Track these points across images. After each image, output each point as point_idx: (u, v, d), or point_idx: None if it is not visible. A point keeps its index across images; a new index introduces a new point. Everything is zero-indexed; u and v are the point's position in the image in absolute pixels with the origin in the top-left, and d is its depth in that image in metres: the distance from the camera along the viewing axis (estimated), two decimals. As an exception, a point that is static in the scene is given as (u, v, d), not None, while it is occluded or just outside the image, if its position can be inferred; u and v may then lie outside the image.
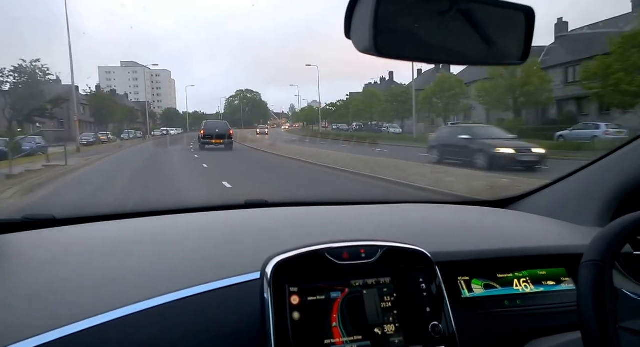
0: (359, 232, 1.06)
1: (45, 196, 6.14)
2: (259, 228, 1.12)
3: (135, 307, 0.66)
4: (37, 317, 0.65)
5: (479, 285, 0.89)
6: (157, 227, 1.13)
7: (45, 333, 0.60)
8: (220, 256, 0.88)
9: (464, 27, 0.63)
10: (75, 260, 0.87)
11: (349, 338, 0.70)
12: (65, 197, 6.32)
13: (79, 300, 0.70)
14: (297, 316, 0.68)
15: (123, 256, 0.89)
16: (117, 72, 77.16)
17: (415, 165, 9.24)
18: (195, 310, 0.68)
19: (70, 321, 0.62)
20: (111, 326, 0.63)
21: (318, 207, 1.41)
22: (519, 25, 0.67)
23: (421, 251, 0.79)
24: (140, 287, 0.73)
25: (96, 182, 7.83)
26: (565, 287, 0.93)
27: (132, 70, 71.84)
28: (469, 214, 1.35)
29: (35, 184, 6.97)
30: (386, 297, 0.75)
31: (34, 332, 0.60)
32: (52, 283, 0.76)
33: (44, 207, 3.90)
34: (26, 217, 1.09)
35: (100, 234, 1.06)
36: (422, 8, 0.60)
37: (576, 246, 0.96)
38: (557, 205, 1.26)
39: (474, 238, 1.03)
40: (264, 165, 11.32)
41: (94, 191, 6.73)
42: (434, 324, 0.73)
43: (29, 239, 1.00)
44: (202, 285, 0.71)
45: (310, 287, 0.71)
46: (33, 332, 0.60)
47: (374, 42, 0.56)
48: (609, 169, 1.15)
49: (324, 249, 0.73)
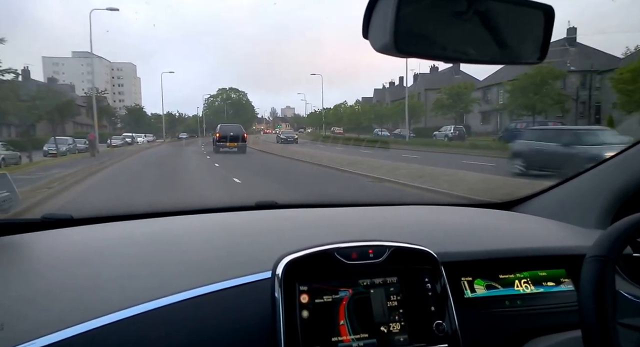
0: (367, 233, 1.21)
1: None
2: (270, 229, 1.31)
3: (149, 305, 0.78)
4: (55, 315, 0.77)
5: (481, 285, 1.04)
6: (171, 227, 1.33)
7: (62, 330, 0.71)
8: (232, 256, 1.03)
9: (482, 27, 0.74)
10: (92, 259, 1.03)
11: (356, 336, 0.84)
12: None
13: (95, 298, 0.82)
14: (306, 314, 0.82)
15: (138, 255, 1.05)
16: (68, 63, 69.86)
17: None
18: (208, 308, 0.81)
19: (87, 318, 0.74)
20: (127, 323, 0.75)
21: (326, 209, 1.65)
22: (537, 24, 0.78)
23: (427, 251, 0.94)
24: (154, 285, 0.86)
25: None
26: (564, 288, 1.09)
27: (86, 63, 62.41)
28: (473, 216, 1.57)
29: None
30: (392, 297, 0.89)
31: (52, 329, 0.71)
32: (69, 281, 0.90)
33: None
34: (45, 217, 1.29)
35: (115, 233, 1.24)
36: (440, 8, 0.72)
37: (577, 247, 1.12)
38: (559, 207, 1.47)
39: (478, 239, 1.21)
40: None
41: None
42: (437, 323, 0.88)
43: (48, 238, 1.19)
44: (215, 284, 0.85)
45: (320, 286, 0.85)
46: (50, 330, 0.71)
47: (394, 41, 0.67)
48: (610, 172, 1.35)
49: (333, 249, 0.88)
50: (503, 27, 0.76)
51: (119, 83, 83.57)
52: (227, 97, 65.28)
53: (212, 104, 64.95)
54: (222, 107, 62.66)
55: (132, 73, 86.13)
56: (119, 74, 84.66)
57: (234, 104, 63.81)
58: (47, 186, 8.42)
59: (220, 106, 63.31)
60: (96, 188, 9.11)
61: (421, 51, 0.74)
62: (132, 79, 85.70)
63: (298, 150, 20.81)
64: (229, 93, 65.69)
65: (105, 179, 11.07)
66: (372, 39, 0.73)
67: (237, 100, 65.53)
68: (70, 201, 6.96)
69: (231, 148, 20.58)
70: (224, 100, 64.62)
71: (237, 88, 65.73)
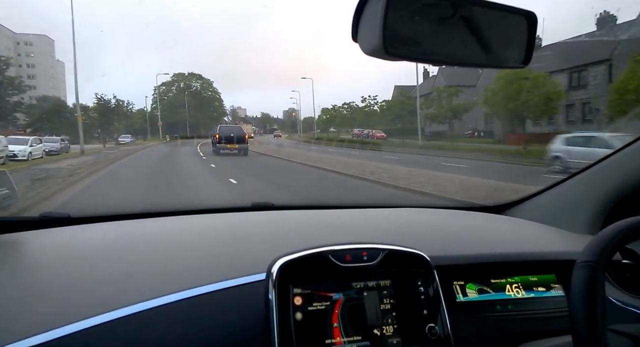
0: (361, 236, 1.43)
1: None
2: (265, 230, 1.54)
3: (143, 305, 0.93)
4: (49, 313, 0.91)
5: (473, 290, 1.26)
6: (167, 227, 1.55)
7: (56, 329, 0.85)
8: (226, 257, 1.21)
9: (467, 31, 0.93)
10: (88, 258, 1.22)
11: (349, 339, 1.01)
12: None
13: (90, 297, 0.97)
14: (299, 316, 0.97)
15: (133, 255, 1.23)
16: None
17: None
18: (201, 309, 0.96)
19: (82, 317, 0.87)
20: (120, 323, 0.89)
21: (322, 211, 1.94)
22: (521, 30, 0.98)
23: (421, 255, 1.12)
24: (148, 285, 1.01)
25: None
26: (554, 293, 1.31)
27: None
28: (466, 219, 1.86)
29: None
30: (385, 300, 1.06)
31: (45, 328, 0.85)
32: (64, 280, 1.07)
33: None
34: (43, 215, 1.56)
35: (112, 233, 1.46)
36: (427, 12, 0.89)
37: (567, 252, 1.35)
38: (550, 211, 1.76)
39: (470, 243, 1.44)
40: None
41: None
42: (430, 326, 1.06)
43: (45, 237, 1.43)
44: (208, 285, 1.00)
45: (313, 288, 1.01)
46: (43, 328, 0.84)
47: (383, 44, 0.84)
48: (600, 177, 1.62)
49: (328, 251, 1.05)
50: (488, 32, 0.94)
51: (28, 63, 68.64)
52: (187, 86, 57.70)
53: (166, 94, 57.16)
54: (180, 99, 55.38)
55: (46, 48, 71.27)
56: (29, 49, 70.66)
57: (196, 96, 57.51)
58: None
59: (178, 98, 56.09)
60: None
61: (409, 54, 0.92)
62: (48, 59, 70.79)
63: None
64: (189, 80, 58.02)
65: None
66: (361, 42, 0.89)
67: (199, 92, 58.61)
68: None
69: (232, 150, 23.20)
70: (181, 90, 57.48)
71: (201, 74, 57.53)
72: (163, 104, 55.54)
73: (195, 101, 58.66)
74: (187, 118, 52.77)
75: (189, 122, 53.00)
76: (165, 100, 57.11)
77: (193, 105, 57.80)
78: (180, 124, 51.15)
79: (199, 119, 58.33)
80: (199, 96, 60.01)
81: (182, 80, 59.46)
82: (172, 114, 52.17)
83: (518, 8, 0.98)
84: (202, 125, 55.35)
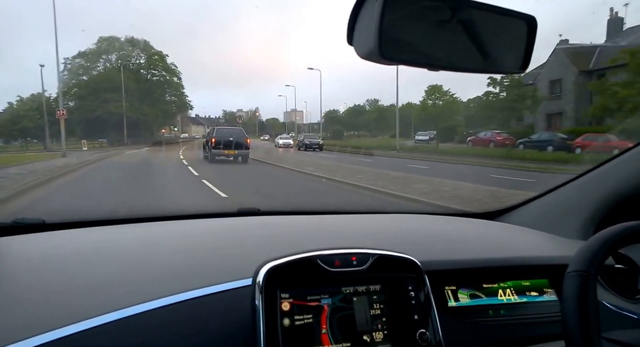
0: (350, 241, 1.43)
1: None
2: (251, 235, 1.52)
3: (125, 312, 0.91)
4: (25, 321, 0.88)
5: (465, 295, 1.26)
6: (149, 233, 1.52)
7: (32, 337, 0.82)
8: (212, 263, 1.20)
9: (465, 36, 0.90)
10: (64, 265, 1.19)
11: (338, 345, 0.99)
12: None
13: (67, 305, 0.94)
14: (287, 322, 0.96)
15: (113, 262, 1.19)
16: None
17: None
18: (186, 315, 0.95)
19: (58, 325, 0.85)
20: (100, 331, 0.86)
21: (310, 216, 1.96)
22: (520, 34, 0.96)
23: (411, 260, 1.11)
24: (130, 292, 0.98)
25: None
26: (547, 298, 1.34)
27: None
28: (458, 226, 1.90)
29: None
30: (376, 305, 1.06)
31: (21, 335, 0.82)
32: (39, 288, 1.03)
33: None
34: (16, 222, 1.51)
35: (90, 239, 1.42)
36: (424, 16, 0.87)
37: (559, 257, 1.38)
38: (542, 217, 1.81)
39: (462, 248, 1.45)
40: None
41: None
42: (421, 332, 1.05)
43: (18, 243, 1.36)
44: (193, 291, 0.99)
45: (302, 294, 1.00)
46: (19, 336, 0.81)
47: (379, 48, 0.81)
48: (593, 184, 1.67)
49: (316, 256, 1.03)
50: (486, 36, 0.91)
51: None
52: (123, 56, 36.65)
53: (86, 72, 35.71)
54: (112, 79, 33.76)
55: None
56: None
57: (139, 77, 36.53)
58: None
59: (107, 77, 33.90)
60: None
61: (406, 58, 0.89)
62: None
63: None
64: (131, 47, 37.04)
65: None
66: (356, 45, 0.86)
67: (144, 69, 38.00)
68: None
69: (229, 156, 20.70)
70: (114, 67, 35.24)
71: (148, 41, 37.71)
72: (80, 87, 35.38)
73: (137, 85, 37.41)
74: (123, 110, 32.73)
75: (127, 116, 33.10)
76: (84, 83, 36.14)
77: (135, 90, 36.72)
78: (112, 121, 32.44)
79: (145, 112, 35.01)
80: (142, 77, 39.06)
81: (115, 49, 38.20)
82: (94, 102, 32.37)
83: (519, 12, 0.95)
84: (152, 123, 36.64)
